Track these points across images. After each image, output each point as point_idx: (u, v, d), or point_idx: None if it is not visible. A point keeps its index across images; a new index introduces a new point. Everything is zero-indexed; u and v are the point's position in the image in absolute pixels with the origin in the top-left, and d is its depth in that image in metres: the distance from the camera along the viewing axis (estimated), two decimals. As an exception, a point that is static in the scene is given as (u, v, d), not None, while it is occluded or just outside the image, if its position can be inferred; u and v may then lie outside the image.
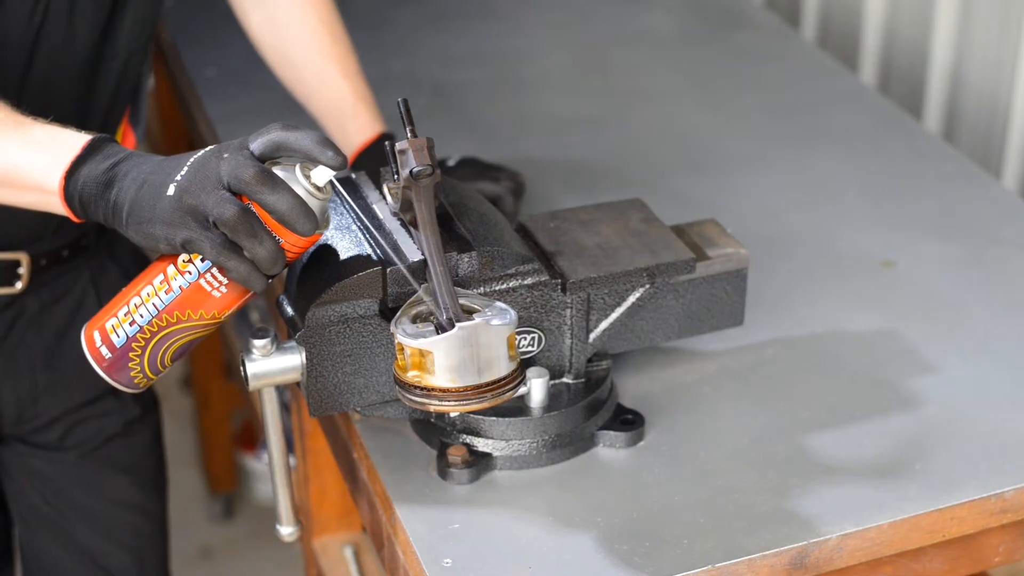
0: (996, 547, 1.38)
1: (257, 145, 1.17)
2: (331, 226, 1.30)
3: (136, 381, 1.25)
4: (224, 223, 1.14)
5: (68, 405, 1.64)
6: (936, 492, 1.30)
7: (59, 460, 1.66)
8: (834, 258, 1.68)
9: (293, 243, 1.18)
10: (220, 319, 1.23)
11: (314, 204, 1.18)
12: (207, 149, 1.19)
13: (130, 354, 1.23)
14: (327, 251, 1.28)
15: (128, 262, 1.67)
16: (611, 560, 1.23)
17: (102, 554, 1.71)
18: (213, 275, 1.20)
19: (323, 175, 1.18)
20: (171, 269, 1.20)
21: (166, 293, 1.20)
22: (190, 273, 1.20)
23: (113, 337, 1.22)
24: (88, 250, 1.61)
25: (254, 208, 1.16)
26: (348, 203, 1.33)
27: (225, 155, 1.16)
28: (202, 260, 1.19)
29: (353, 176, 1.35)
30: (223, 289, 1.20)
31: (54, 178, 1.19)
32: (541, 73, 2.17)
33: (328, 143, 1.16)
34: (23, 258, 1.52)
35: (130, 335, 1.22)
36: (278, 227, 1.17)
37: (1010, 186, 2.06)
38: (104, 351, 1.23)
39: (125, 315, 1.22)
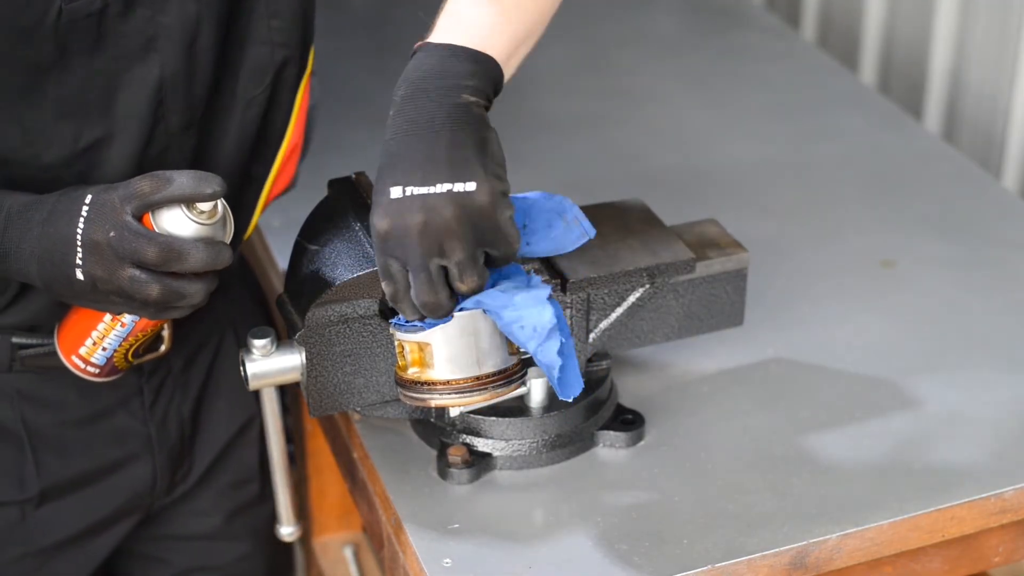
0: (996, 547, 1.38)
1: (134, 208, 1.12)
2: (331, 226, 1.30)
3: (129, 366, 1.33)
4: (151, 304, 1.15)
5: (211, 458, 1.55)
6: (935, 492, 1.30)
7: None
8: (834, 258, 1.68)
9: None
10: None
11: (215, 230, 1.16)
12: (83, 215, 1.13)
13: (115, 363, 1.29)
14: (327, 251, 1.28)
15: (255, 284, 1.61)
16: (611, 560, 1.23)
17: None
18: None
19: (208, 204, 1.16)
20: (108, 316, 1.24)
21: (121, 327, 1.25)
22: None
23: (94, 359, 1.28)
24: (224, 288, 1.41)
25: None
26: (347, 203, 1.33)
27: (111, 233, 1.12)
28: None
29: (352, 176, 1.35)
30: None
31: None
32: (541, 73, 2.16)
33: (202, 179, 1.13)
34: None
35: (108, 356, 1.28)
36: None
37: (1010, 186, 2.05)
38: (92, 369, 1.29)
39: (93, 345, 1.27)
